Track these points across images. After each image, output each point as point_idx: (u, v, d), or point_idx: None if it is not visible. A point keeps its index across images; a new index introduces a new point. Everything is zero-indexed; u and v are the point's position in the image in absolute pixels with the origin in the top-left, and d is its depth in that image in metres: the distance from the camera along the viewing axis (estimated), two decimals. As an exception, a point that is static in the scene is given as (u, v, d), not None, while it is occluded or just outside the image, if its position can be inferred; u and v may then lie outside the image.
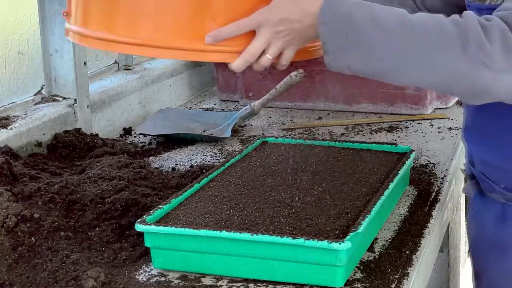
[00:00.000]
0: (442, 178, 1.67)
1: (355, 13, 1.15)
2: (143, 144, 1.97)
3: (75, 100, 1.90)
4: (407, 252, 1.32)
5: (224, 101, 2.40)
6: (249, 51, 1.20)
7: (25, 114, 1.79)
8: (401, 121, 2.13)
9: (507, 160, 1.40)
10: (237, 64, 1.21)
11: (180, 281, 1.21)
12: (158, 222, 1.26)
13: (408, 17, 1.16)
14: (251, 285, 1.20)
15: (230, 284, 1.20)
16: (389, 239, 1.36)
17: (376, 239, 1.36)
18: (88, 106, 1.93)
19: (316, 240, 1.16)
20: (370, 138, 1.97)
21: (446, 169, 1.73)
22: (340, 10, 1.16)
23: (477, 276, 1.59)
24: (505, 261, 1.48)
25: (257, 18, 1.19)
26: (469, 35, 1.13)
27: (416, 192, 1.59)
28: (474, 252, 1.59)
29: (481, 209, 1.52)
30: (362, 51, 1.16)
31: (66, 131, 1.82)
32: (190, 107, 2.35)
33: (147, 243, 1.25)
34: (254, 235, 1.19)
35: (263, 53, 1.21)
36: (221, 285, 1.20)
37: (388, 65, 1.16)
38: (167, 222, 1.26)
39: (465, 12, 1.18)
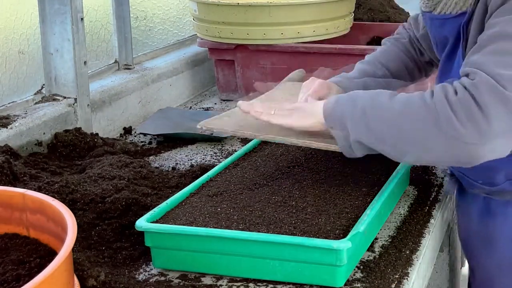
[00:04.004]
0: (442, 178, 1.67)
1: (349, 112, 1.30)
2: (143, 143, 1.97)
3: (75, 99, 1.90)
4: (407, 252, 1.32)
5: (224, 100, 2.40)
6: None
7: (25, 113, 1.79)
8: (401, 121, 2.12)
9: None
10: None
11: (180, 280, 1.21)
12: (158, 221, 1.26)
13: (390, 103, 1.28)
14: (251, 284, 1.20)
15: (230, 284, 1.20)
16: (389, 239, 1.36)
17: (376, 239, 1.36)
18: (88, 105, 1.93)
19: (316, 239, 1.16)
20: (370, 138, 1.96)
21: (446, 169, 1.73)
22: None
23: (472, 271, 1.65)
24: (495, 254, 1.53)
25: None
26: (439, 114, 1.21)
27: (416, 192, 1.59)
28: (465, 248, 1.65)
29: (465, 205, 1.60)
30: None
31: (66, 131, 1.82)
32: (190, 107, 2.35)
33: (147, 243, 1.25)
34: (254, 234, 1.19)
35: None
36: (221, 285, 1.20)
37: (385, 143, 1.28)
38: (167, 221, 1.26)
39: (435, 88, 1.26)
